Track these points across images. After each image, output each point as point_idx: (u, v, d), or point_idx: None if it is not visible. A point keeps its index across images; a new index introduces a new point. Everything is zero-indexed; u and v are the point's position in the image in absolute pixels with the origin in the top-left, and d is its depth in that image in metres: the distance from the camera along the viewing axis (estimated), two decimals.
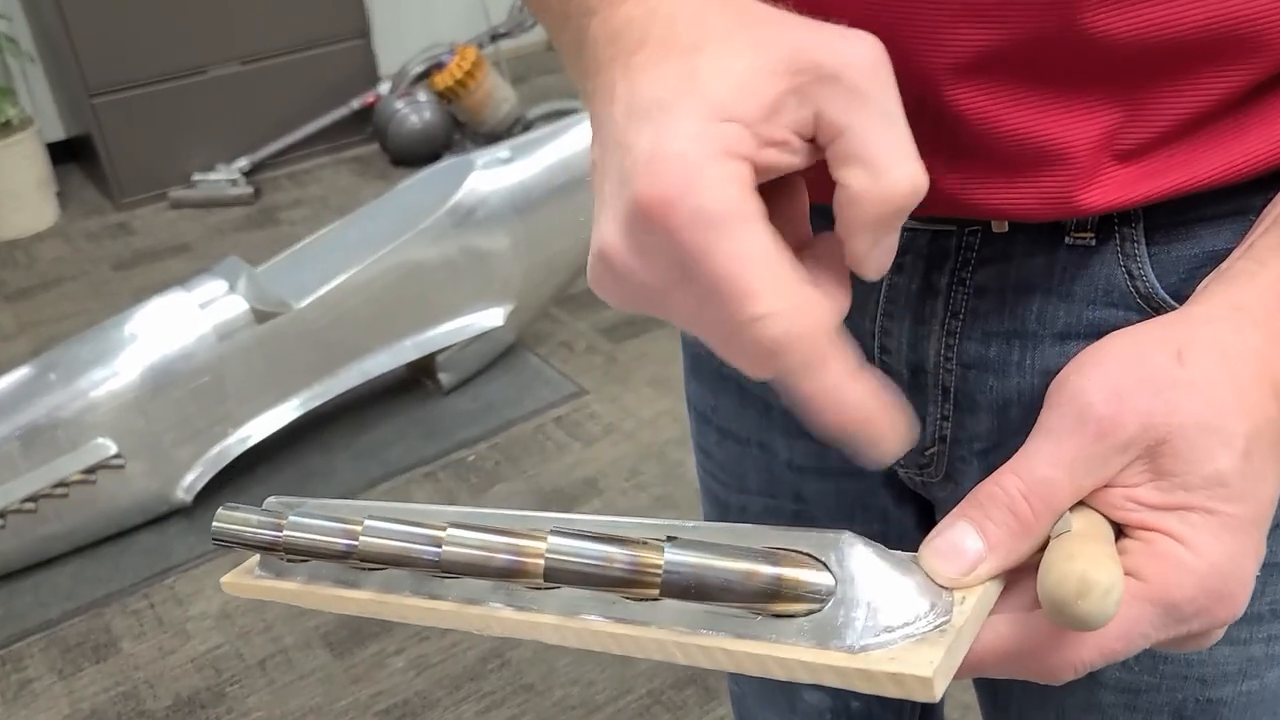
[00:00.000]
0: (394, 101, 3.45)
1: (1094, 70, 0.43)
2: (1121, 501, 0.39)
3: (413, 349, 2.28)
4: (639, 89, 0.36)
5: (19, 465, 1.92)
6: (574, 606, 0.41)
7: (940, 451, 0.58)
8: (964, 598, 0.38)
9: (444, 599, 0.46)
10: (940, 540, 0.39)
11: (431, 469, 2.21)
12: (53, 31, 3.21)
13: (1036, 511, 0.39)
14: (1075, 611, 0.34)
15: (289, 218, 3.29)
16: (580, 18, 0.41)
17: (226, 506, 0.51)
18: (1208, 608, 0.38)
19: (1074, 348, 0.51)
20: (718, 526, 0.40)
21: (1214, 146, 0.45)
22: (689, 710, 1.67)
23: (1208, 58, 0.42)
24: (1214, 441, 0.38)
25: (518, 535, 0.40)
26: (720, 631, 0.38)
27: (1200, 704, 0.57)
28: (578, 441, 2.25)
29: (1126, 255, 0.49)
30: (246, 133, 3.49)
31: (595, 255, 0.37)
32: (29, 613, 1.94)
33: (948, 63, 0.44)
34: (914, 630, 0.36)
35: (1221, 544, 0.38)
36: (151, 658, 1.84)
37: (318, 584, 0.51)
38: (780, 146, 0.36)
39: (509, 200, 2.25)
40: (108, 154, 3.33)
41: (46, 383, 1.97)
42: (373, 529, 0.44)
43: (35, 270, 3.11)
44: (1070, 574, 0.34)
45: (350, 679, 1.77)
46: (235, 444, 2.12)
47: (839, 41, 0.36)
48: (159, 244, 3.21)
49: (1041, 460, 0.39)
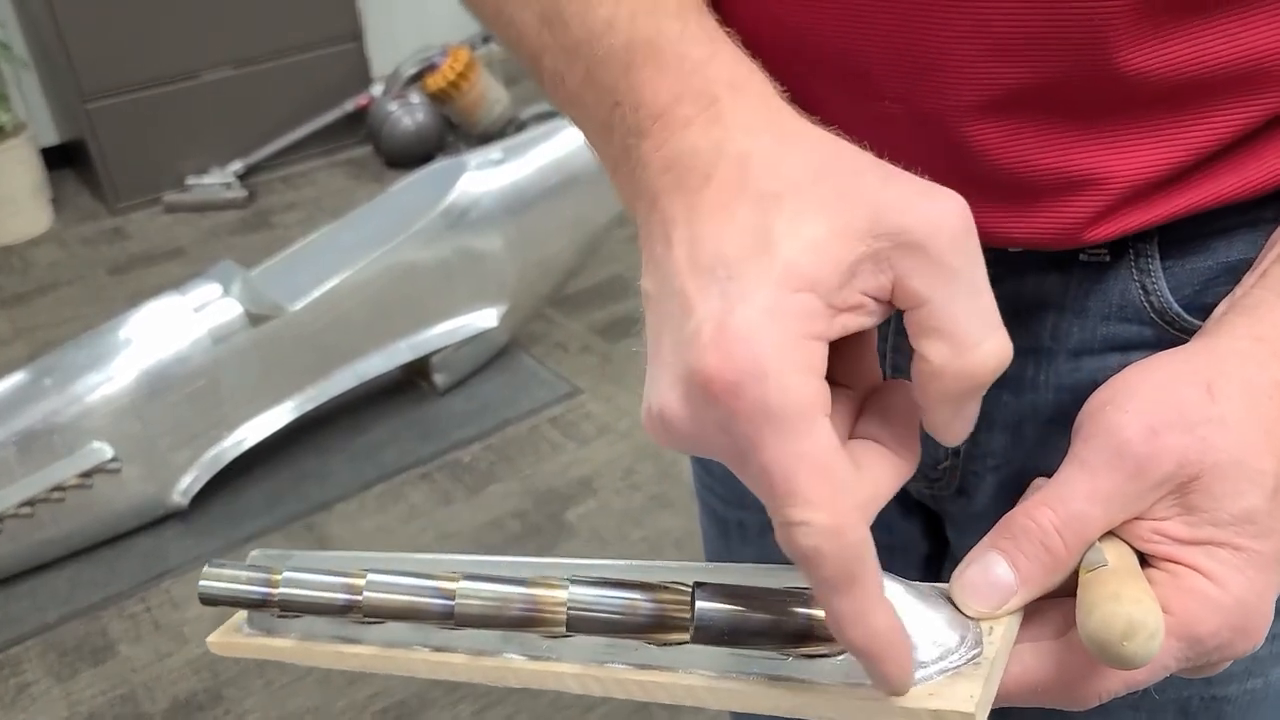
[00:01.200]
0: (387, 103, 3.45)
1: (1119, 106, 0.43)
2: (1149, 534, 0.39)
3: (407, 350, 2.28)
4: (704, 239, 0.34)
5: (15, 470, 1.93)
6: (595, 654, 0.41)
7: (953, 466, 0.58)
8: (991, 628, 0.38)
9: (454, 651, 0.45)
10: (973, 572, 0.39)
11: (427, 470, 2.22)
12: (46, 37, 3.21)
13: (1069, 546, 0.39)
14: (1121, 653, 0.34)
15: (283, 221, 3.29)
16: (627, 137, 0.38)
17: (212, 564, 0.49)
18: (1230, 641, 0.39)
19: (1089, 363, 0.51)
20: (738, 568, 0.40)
21: (1231, 169, 0.45)
22: (683, 710, 1.67)
23: (1232, 91, 0.42)
24: (1244, 479, 0.38)
25: (533, 585, 0.40)
26: (751, 674, 0.38)
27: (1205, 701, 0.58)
28: (573, 441, 2.26)
29: (1141, 270, 0.49)
30: (240, 136, 3.49)
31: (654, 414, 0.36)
32: (26, 617, 1.94)
33: (975, 100, 0.44)
34: (948, 665, 0.36)
35: (1247, 579, 0.39)
36: (148, 661, 1.85)
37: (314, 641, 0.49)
38: (856, 310, 0.34)
39: (502, 201, 2.26)
40: (102, 159, 3.33)
41: (42, 388, 1.97)
42: (377, 584, 0.43)
43: (30, 276, 3.12)
44: (1118, 615, 0.35)
45: (347, 680, 1.77)
46: (231, 447, 2.12)
47: (925, 203, 0.34)
48: (154, 248, 3.21)
49: (1077, 495, 0.39)
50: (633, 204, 0.39)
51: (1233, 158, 0.45)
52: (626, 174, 0.39)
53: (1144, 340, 0.50)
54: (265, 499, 2.16)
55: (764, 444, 0.32)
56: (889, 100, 0.45)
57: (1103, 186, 0.45)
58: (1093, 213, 0.45)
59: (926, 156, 0.46)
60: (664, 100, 0.37)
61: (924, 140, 0.46)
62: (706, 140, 0.36)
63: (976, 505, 0.58)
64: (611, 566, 0.41)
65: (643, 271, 0.37)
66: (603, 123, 0.40)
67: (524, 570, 0.42)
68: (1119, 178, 0.44)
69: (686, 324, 0.34)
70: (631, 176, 0.38)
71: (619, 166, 0.40)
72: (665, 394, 0.35)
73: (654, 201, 0.36)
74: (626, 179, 0.39)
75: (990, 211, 0.47)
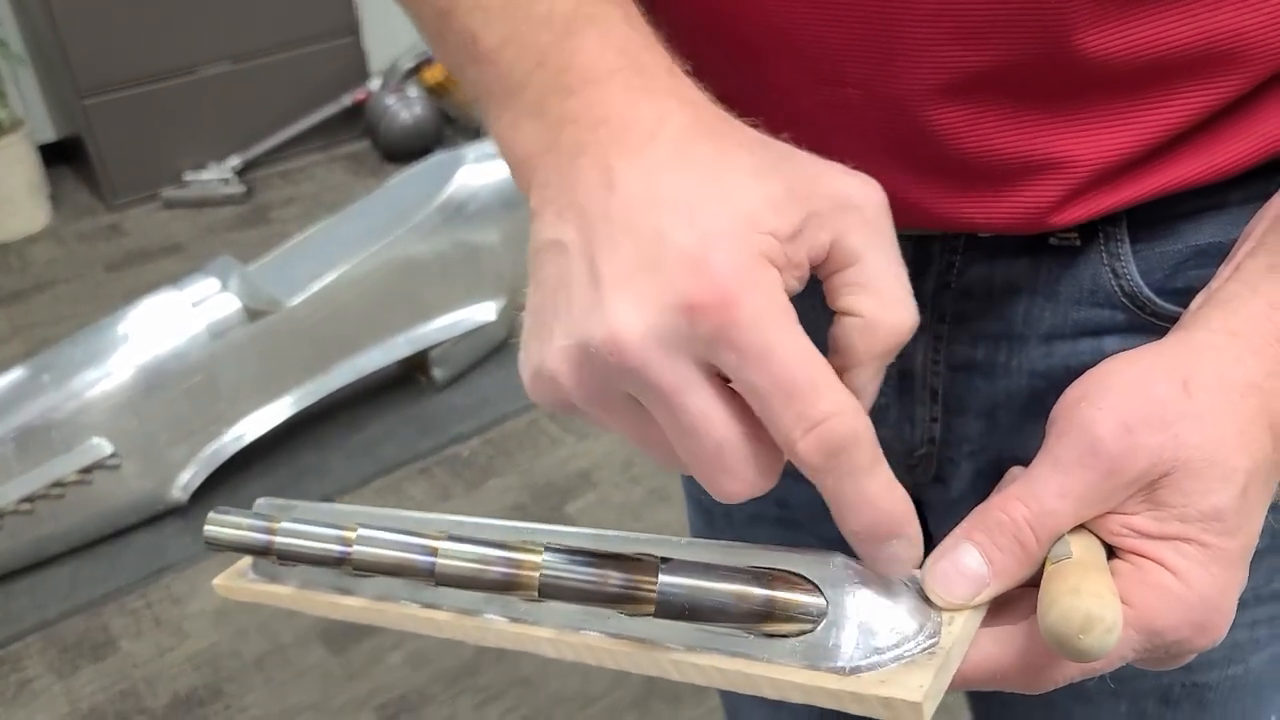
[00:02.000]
0: (384, 98, 3.45)
1: (1081, 88, 0.43)
2: (1117, 527, 0.40)
3: (405, 345, 2.28)
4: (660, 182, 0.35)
5: (14, 467, 1.93)
6: (570, 621, 0.42)
7: (929, 453, 0.58)
8: (952, 618, 0.39)
9: (440, 608, 0.46)
10: (946, 563, 0.39)
11: (426, 464, 2.22)
12: (42, 33, 3.20)
13: (1040, 541, 0.39)
14: (1078, 646, 0.35)
15: (281, 216, 3.29)
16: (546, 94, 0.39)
17: (217, 510, 0.51)
18: (1189, 638, 0.39)
19: (1061, 348, 0.51)
20: (711, 544, 0.41)
21: (1195, 153, 0.45)
22: (684, 701, 1.68)
23: (1194, 73, 0.43)
24: (1215, 476, 0.38)
25: (513, 549, 0.40)
26: (714, 650, 0.39)
27: (1186, 689, 0.58)
28: (571, 435, 2.26)
29: (1111, 254, 0.49)
30: (237, 131, 3.49)
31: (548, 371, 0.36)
32: (27, 613, 1.95)
33: (936, 83, 0.44)
34: (904, 652, 0.37)
35: (1211, 576, 0.39)
36: (149, 656, 1.85)
37: (312, 589, 0.51)
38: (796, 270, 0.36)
39: (499, 195, 2.26)
40: (99, 155, 3.33)
41: (40, 384, 1.97)
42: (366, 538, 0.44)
43: (28, 273, 3.11)
44: (1076, 610, 0.35)
45: (347, 675, 1.78)
46: (230, 442, 2.12)
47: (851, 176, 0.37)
48: (151, 244, 3.21)
49: (1050, 491, 0.39)
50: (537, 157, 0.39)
51: (1197, 141, 0.45)
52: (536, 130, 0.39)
53: (1116, 324, 0.50)
54: (264, 494, 2.13)
55: (777, 343, 0.33)
56: (851, 86, 0.46)
57: (1067, 170, 0.45)
58: (1058, 196, 0.45)
59: (889, 143, 0.46)
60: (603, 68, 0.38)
61: (887, 126, 0.46)
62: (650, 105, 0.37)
63: (954, 492, 0.58)
64: (595, 536, 0.42)
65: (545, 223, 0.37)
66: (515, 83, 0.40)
67: (509, 534, 0.43)
68: (1083, 161, 0.44)
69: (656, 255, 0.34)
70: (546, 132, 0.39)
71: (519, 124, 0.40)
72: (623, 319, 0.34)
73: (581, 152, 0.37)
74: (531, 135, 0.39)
75: (956, 196, 0.47)
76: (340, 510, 0.50)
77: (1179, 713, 0.59)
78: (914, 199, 0.47)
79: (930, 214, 0.48)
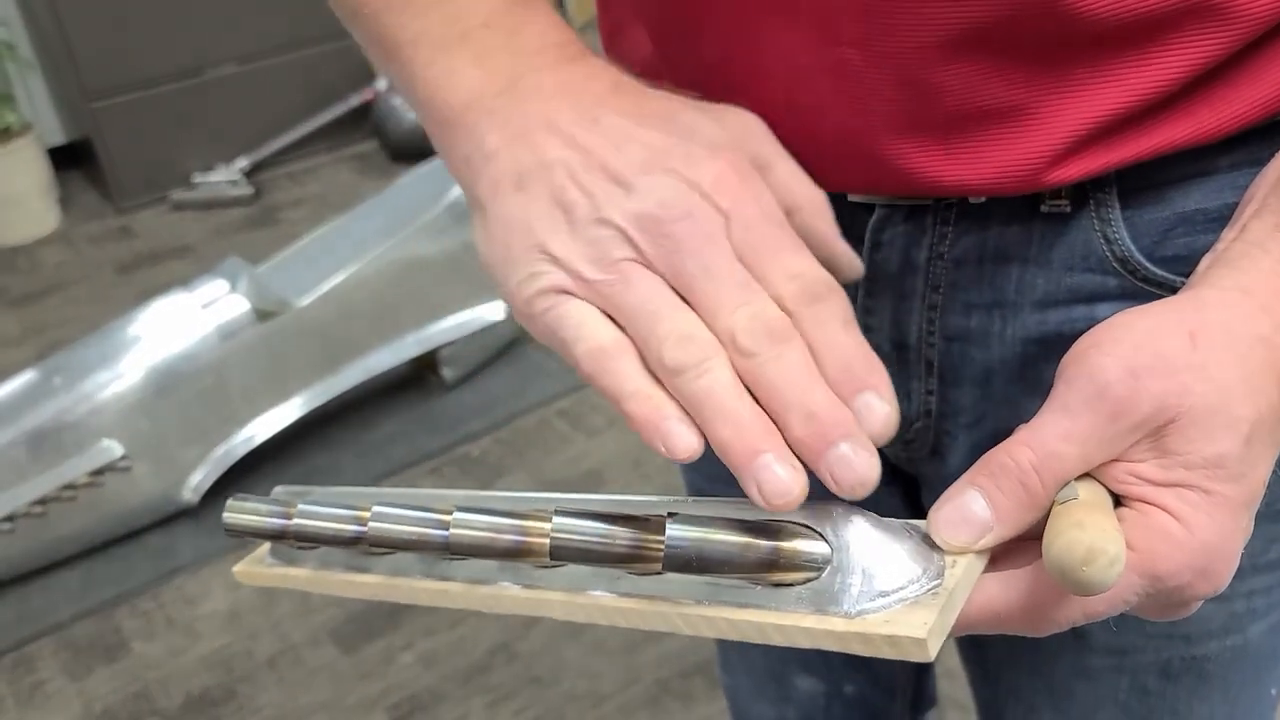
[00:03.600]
0: (391, 98, 3.45)
1: (1072, 45, 0.44)
2: (1123, 475, 0.40)
3: (415, 345, 2.28)
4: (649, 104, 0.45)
5: (26, 469, 1.93)
6: (580, 583, 0.43)
7: (926, 426, 0.59)
8: (955, 561, 0.39)
9: (453, 580, 0.47)
10: (950, 508, 0.40)
11: (436, 464, 2.22)
12: (51, 37, 3.21)
13: (1046, 485, 0.39)
14: (1079, 577, 0.35)
15: (289, 217, 3.30)
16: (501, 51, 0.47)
17: (236, 497, 0.52)
18: (1190, 583, 0.39)
19: (1054, 315, 0.52)
20: (717, 501, 0.41)
21: (1183, 114, 0.46)
22: (696, 699, 1.68)
23: (1181, 29, 0.43)
24: (1219, 424, 0.39)
25: (523, 516, 0.42)
26: (722, 602, 0.39)
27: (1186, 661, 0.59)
28: (581, 433, 2.26)
29: (1102, 220, 0.49)
30: (245, 133, 3.49)
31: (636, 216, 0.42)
32: (39, 615, 1.95)
33: (932, 39, 0.44)
34: (908, 594, 0.38)
35: (1214, 522, 0.39)
36: (162, 657, 1.85)
37: (328, 570, 0.52)
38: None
39: None
40: (108, 158, 3.33)
41: (51, 387, 1.97)
42: (381, 514, 0.45)
43: (38, 275, 3.12)
44: (1079, 541, 0.35)
45: (359, 674, 1.78)
46: (240, 443, 2.12)
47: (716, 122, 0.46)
48: (161, 246, 3.22)
49: (1055, 435, 0.40)
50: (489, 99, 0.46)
51: (1185, 104, 0.45)
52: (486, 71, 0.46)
53: (1108, 291, 0.50)
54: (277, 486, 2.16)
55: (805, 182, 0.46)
56: (848, 45, 0.46)
57: (1059, 127, 0.45)
58: (1051, 154, 0.46)
59: (885, 102, 0.47)
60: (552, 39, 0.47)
61: (882, 85, 0.47)
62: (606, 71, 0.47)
63: (950, 466, 0.59)
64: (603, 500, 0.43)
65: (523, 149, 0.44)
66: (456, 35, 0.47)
67: (520, 504, 0.44)
68: (1075, 118, 0.45)
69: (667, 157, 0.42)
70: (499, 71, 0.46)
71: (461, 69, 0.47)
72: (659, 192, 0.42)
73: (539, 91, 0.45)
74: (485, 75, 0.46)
75: (951, 159, 0.48)
76: (354, 492, 0.52)
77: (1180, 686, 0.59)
78: (910, 164, 0.48)
79: (926, 179, 0.48)
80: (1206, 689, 0.60)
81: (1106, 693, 0.61)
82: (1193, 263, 0.47)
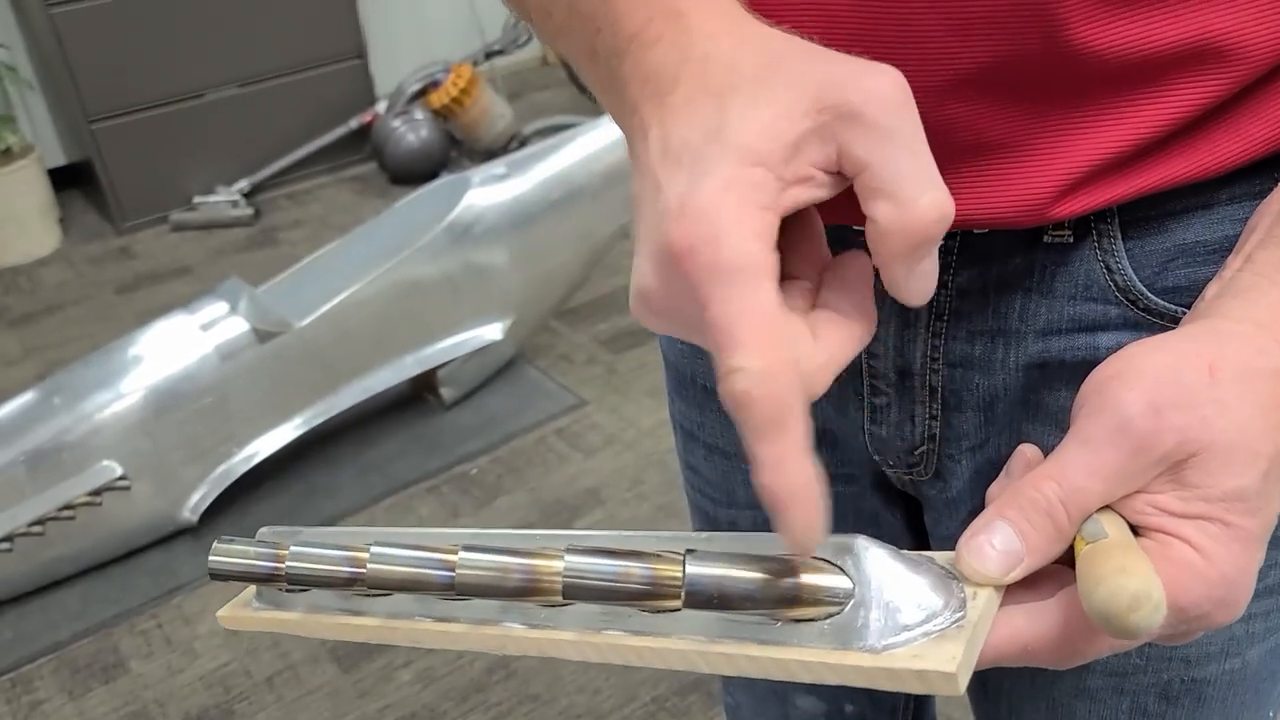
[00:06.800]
0: (391, 120, 3.47)
1: (1077, 84, 0.45)
2: (1143, 506, 0.41)
3: (414, 365, 2.29)
4: (672, 132, 0.38)
5: (26, 489, 1.94)
6: (589, 621, 0.42)
7: (929, 450, 0.59)
8: (975, 593, 0.39)
9: (456, 621, 0.45)
10: (981, 539, 0.40)
11: (435, 483, 2.23)
12: (52, 59, 3.23)
13: (1072, 518, 0.40)
14: (1127, 624, 0.36)
15: (289, 238, 3.31)
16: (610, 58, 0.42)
17: (221, 540, 0.50)
18: (1210, 613, 0.40)
19: (1057, 342, 0.52)
20: (730, 536, 0.41)
21: (1186, 151, 0.46)
22: (693, 716, 1.68)
23: (1185, 70, 0.44)
24: (1240, 459, 0.40)
25: (530, 555, 0.41)
26: (742, 639, 0.39)
27: (1185, 683, 0.59)
28: (579, 452, 2.27)
29: (1104, 250, 0.50)
30: (245, 154, 3.51)
31: (634, 291, 0.40)
32: (38, 635, 1.95)
33: (937, 79, 0.45)
34: (932, 627, 0.37)
35: (1233, 555, 0.40)
36: (160, 677, 1.85)
37: (320, 613, 0.50)
38: (805, 183, 0.38)
39: (506, 215, 2.27)
40: (108, 179, 3.35)
41: (51, 407, 1.98)
42: (380, 555, 0.44)
43: (38, 296, 3.13)
44: (1125, 589, 0.36)
45: (358, 693, 1.78)
46: (240, 463, 2.13)
47: (863, 77, 0.37)
48: (161, 267, 3.23)
49: (1080, 469, 0.40)
50: (621, 120, 0.42)
51: (1188, 140, 0.46)
52: (614, 94, 0.42)
53: (1110, 320, 0.51)
54: (275, 514, 2.17)
55: (712, 299, 0.35)
56: None
57: (1063, 164, 0.46)
58: (1054, 191, 0.46)
59: None
60: (638, 21, 0.41)
61: None
62: (675, 51, 0.39)
63: (953, 490, 0.59)
64: (608, 537, 0.42)
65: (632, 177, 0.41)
66: (589, 49, 0.43)
67: (523, 542, 0.43)
68: (1078, 156, 0.46)
69: (658, 204, 0.37)
70: (617, 95, 0.42)
71: (606, 89, 0.43)
72: (643, 271, 0.38)
73: (634, 111, 0.40)
74: (614, 99, 0.42)
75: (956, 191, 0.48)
76: (344, 532, 0.50)
77: (1179, 708, 0.60)
78: None
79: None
80: (1205, 711, 0.60)
81: (1106, 713, 0.61)
82: (1193, 293, 0.47)
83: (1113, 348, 0.45)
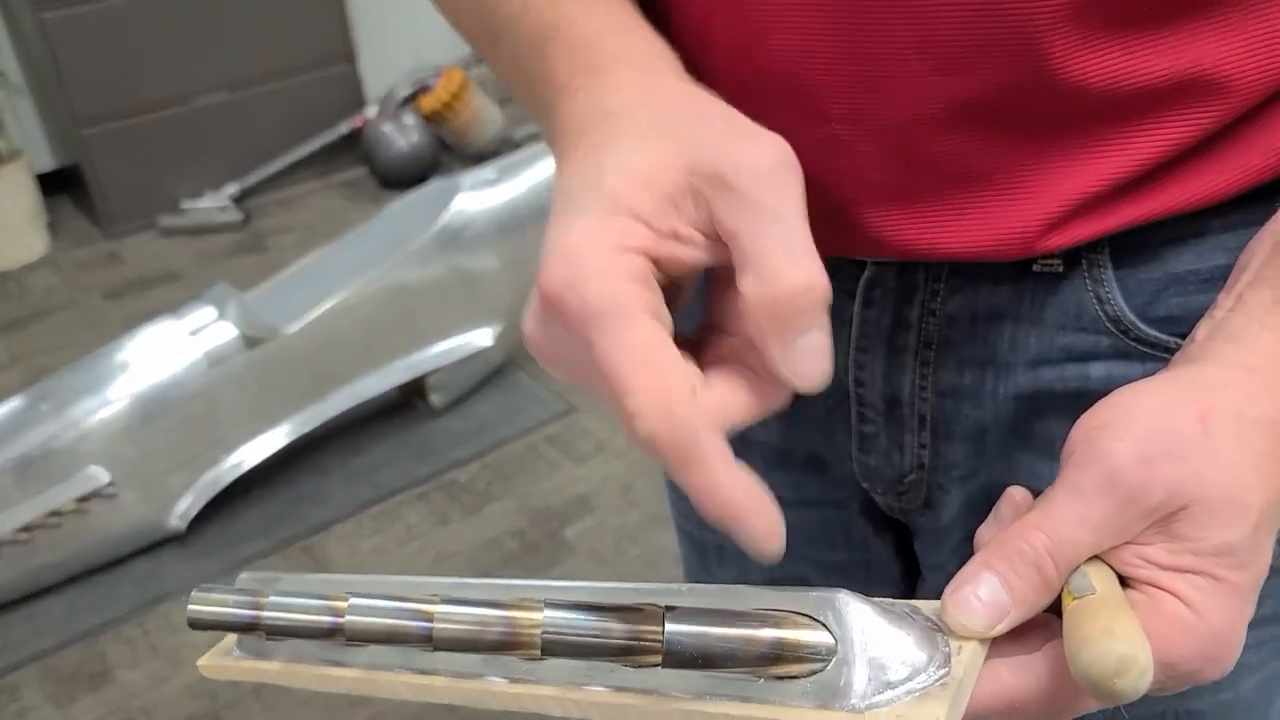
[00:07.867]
0: (381, 125, 3.46)
1: (1064, 117, 0.44)
2: (1131, 558, 0.40)
3: (403, 371, 2.28)
4: (566, 180, 0.39)
5: (12, 496, 1.93)
6: (573, 677, 0.41)
7: (919, 479, 0.58)
8: (960, 647, 0.39)
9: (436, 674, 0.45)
10: (967, 592, 0.39)
11: (424, 490, 2.22)
12: (41, 64, 3.22)
13: (1059, 569, 0.39)
14: (1113, 689, 0.35)
15: (278, 243, 3.30)
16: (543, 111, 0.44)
17: (200, 588, 0.49)
18: (1199, 669, 0.40)
19: (1047, 372, 0.52)
20: (712, 589, 0.40)
21: (1177, 182, 0.46)
22: None
23: (1175, 103, 0.43)
24: (1231, 513, 0.39)
25: (510, 608, 0.40)
26: (724, 696, 0.38)
27: (1179, 715, 0.58)
28: (570, 459, 2.26)
29: (1094, 280, 0.49)
30: (234, 159, 3.50)
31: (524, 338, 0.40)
32: (24, 643, 1.94)
33: (922, 113, 0.45)
34: (916, 685, 0.37)
35: (1223, 608, 0.39)
36: (147, 685, 1.84)
37: (301, 663, 0.49)
38: (679, 240, 0.38)
39: (496, 221, 2.26)
40: (97, 184, 3.33)
41: (38, 413, 1.97)
42: (359, 607, 0.44)
43: (26, 301, 3.12)
44: (1111, 653, 0.35)
45: (347, 702, 1.77)
46: (228, 470, 2.12)
47: (741, 146, 0.38)
48: (149, 272, 3.22)
49: (1069, 520, 0.39)
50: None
51: (1179, 171, 0.45)
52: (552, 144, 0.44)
53: (1100, 350, 0.50)
54: (263, 521, 2.16)
55: (593, 343, 0.36)
56: (836, 123, 0.46)
57: (1052, 196, 0.45)
58: (1043, 223, 0.46)
59: (877, 173, 0.47)
60: (563, 76, 0.42)
61: (873, 160, 0.46)
62: (588, 104, 0.41)
63: (943, 519, 0.59)
64: (591, 589, 0.42)
65: None
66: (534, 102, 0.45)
67: (504, 593, 0.42)
68: (1068, 188, 0.45)
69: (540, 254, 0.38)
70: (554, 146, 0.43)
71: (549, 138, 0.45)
72: (526, 317, 0.39)
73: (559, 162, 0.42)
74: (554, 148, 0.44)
75: (943, 226, 0.48)
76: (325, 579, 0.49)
77: None
78: (903, 234, 0.48)
79: (918, 247, 0.48)
80: None
81: None
82: (1185, 323, 0.47)
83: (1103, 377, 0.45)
